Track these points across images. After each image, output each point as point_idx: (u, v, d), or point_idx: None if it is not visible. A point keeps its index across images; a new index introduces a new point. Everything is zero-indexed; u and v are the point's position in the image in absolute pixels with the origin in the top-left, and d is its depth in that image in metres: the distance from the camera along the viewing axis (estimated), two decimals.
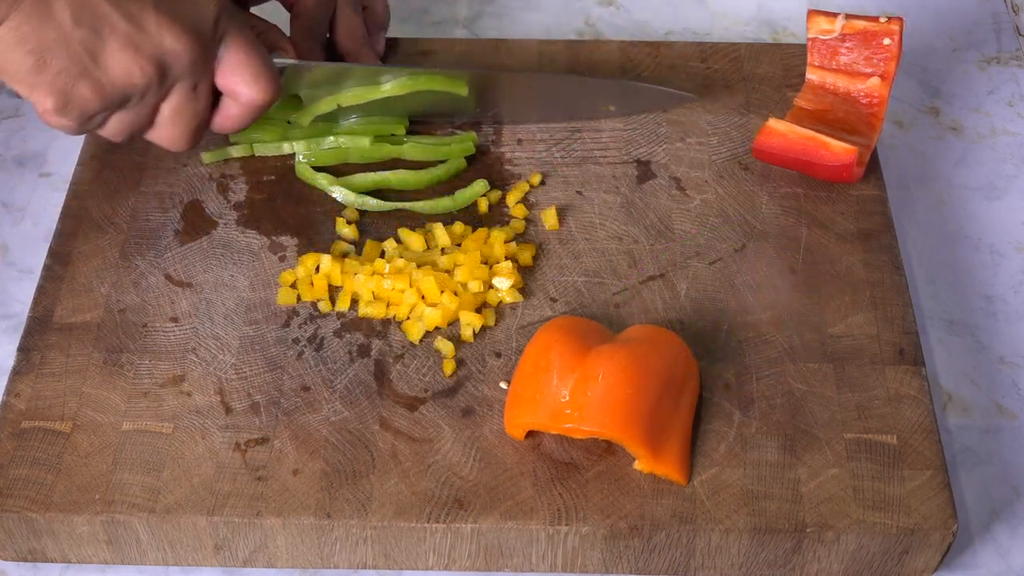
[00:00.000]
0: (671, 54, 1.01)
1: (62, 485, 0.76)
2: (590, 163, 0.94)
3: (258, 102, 0.81)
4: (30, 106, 1.03)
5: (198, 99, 0.79)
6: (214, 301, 0.85)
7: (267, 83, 0.81)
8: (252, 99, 0.81)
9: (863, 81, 0.92)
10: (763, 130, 0.90)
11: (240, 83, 0.80)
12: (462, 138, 0.94)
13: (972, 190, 0.99)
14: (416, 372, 0.81)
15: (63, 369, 0.81)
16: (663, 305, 0.85)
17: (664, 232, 0.89)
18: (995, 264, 0.94)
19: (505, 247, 0.87)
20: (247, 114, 0.82)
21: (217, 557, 0.77)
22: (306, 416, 0.79)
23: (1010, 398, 0.87)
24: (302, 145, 0.93)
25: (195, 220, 0.90)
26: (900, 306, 0.85)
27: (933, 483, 0.76)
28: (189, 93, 0.78)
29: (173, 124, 0.79)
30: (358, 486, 0.76)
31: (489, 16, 1.12)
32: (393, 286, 0.84)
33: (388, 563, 0.78)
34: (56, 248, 0.88)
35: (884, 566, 0.77)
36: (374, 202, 0.90)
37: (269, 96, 0.81)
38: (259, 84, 0.80)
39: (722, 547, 0.76)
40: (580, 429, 0.75)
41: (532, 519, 0.75)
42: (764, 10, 1.13)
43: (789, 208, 0.91)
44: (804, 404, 0.80)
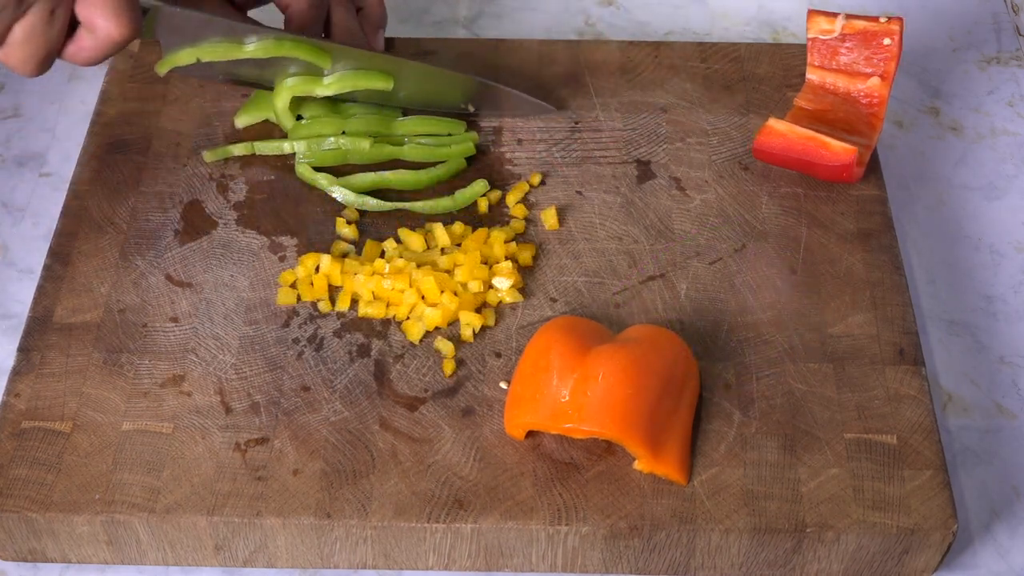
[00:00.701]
0: (671, 54, 1.01)
1: (62, 485, 0.76)
2: (590, 163, 0.94)
3: (115, 38, 0.78)
4: (30, 106, 1.03)
5: (54, 24, 0.77)
6: (214, 301, 0.85)
7: (127, 19, 0.77)
8: (109, 33, 0.78)
9: (863, 81, 0.92)
10: (763, 130, 0.90)
11: (99, 15, 0.77)
12: (462, 138, 0.94)
13: (972, 190, 0.99)
14: (416, 372, 0.81)
15: (63, 369, 0.81)
16: (663, 305, 0.85)
17: (664, 232, 0.89)
18: (995, 264, 0.94)
19: (505, 247, 0.87)
20: (101, 48, 0.79)
21: (217, 557, 0.77)
22: (306, 416, 0.79)
23: (1010, 398, 0.87)
24: (302, 145, 0.93)
25: (195, 220, 0.90)
26: (900, 306, 0.85)
27: (933, 483, 0.76)
28: (45, 16, 0.76)
29: (23, 45, 0.77)
30: (358, 486, 0.76)
31: (489, 16, 1.11)
32: (393, 286, 0.84)
33: (388, 563, 0.78)
34: (56, 248, 0.88)
35: (884, 566, 0.77)
36: (374, 202, 0.90)
37: (127, 33, 0.78)
38: (118, 19, 0.77)
39: (722, 547, 0.76)
40: (580, 429, 0.75)
41: (532, 519, 0.75)
42: (764, 10, 1.13)
43: (789, 208, 0.91)
44: (804, 404, 0.80)
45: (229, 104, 0.97)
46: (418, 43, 1.01)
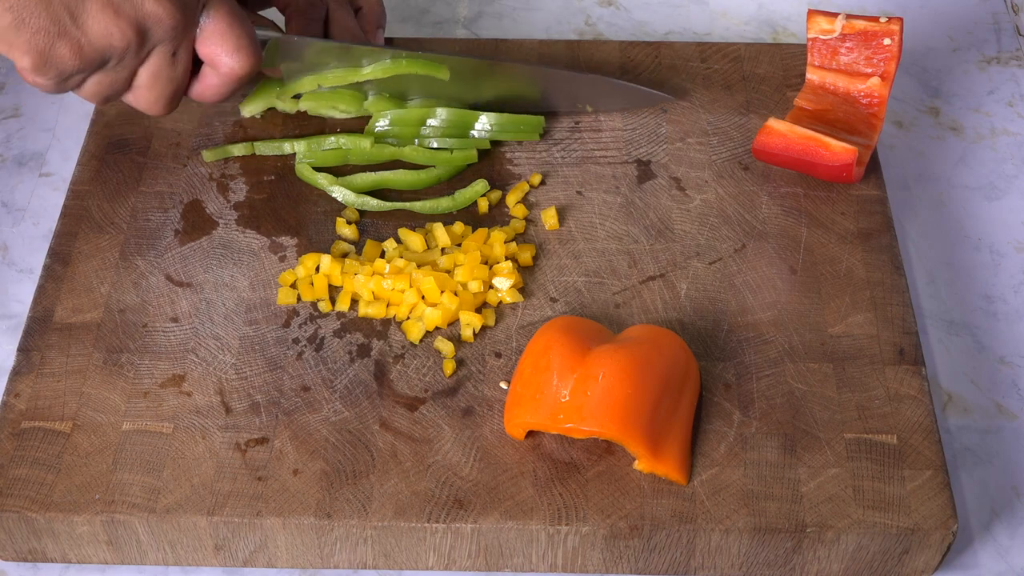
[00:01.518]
0: (671, 54, 1.01)
1: (62, 485, 0.76)
2: (590, 163, 0.94)
3: (237, 72, 0.81)
4: (30, 106, 1.03)
5: (177, 65, 0.79)
6: (214, 301, 0.85)
7: (248, 54, 0.80)
8: (232, 69, 0.80)
9: (863, 81, 0.92)
10: (763, 130, 0.90)
11: (221, 52, 0.80)
12: (464, 143, 0.94)
13: (972, 190, 0.99)
14: (416, 372, 0.81)
15: (63, 369, 0.81)
16: (663, 305, 0.85)
17: (664, 232, 0.89)
18: (995, 264, 0.94)
19: (505, 247, 0.87)
20: (226, 84, 0.82)
21: (217, 557, 0.77)
22: (306, 416, 0.79)
23: (1010, 398, 0.87)
24: (302, 145, 0.93)
25: (195, 220, 0.90)
26: (900, 306, 0.85)
27: (933, 483, 0.76)
28: (168, 59, 0.78)
29: (150, 89, 0.79)
30: (358, 486, 0.76)
31: (489, 16, 1.11)
32: (393, 286, 0.84)
33: (388, 563, 0.78)
34: (56, 248, 0.88)
35: (884, 566, 0.77)
36: (374, 202, 0.90)
37: (249, 67, 0.81)
38: (240, 54, 0.80)
39: (722, 547, 0.76)
40: (580, 429, 0.75)
41: (532, 519, 0.75)
42: (764, 10, 1.13)
43: (789, 208, 0.91)
44: (804, 404, 0.80)
45: (229, 104, 0.97)
46: (419, 43, 1.01)
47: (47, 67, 0.74)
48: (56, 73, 0.75)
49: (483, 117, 0.94)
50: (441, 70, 0.92)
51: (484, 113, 0.94)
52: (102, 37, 0.74)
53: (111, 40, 0.75)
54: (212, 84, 0.82)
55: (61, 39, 0.74)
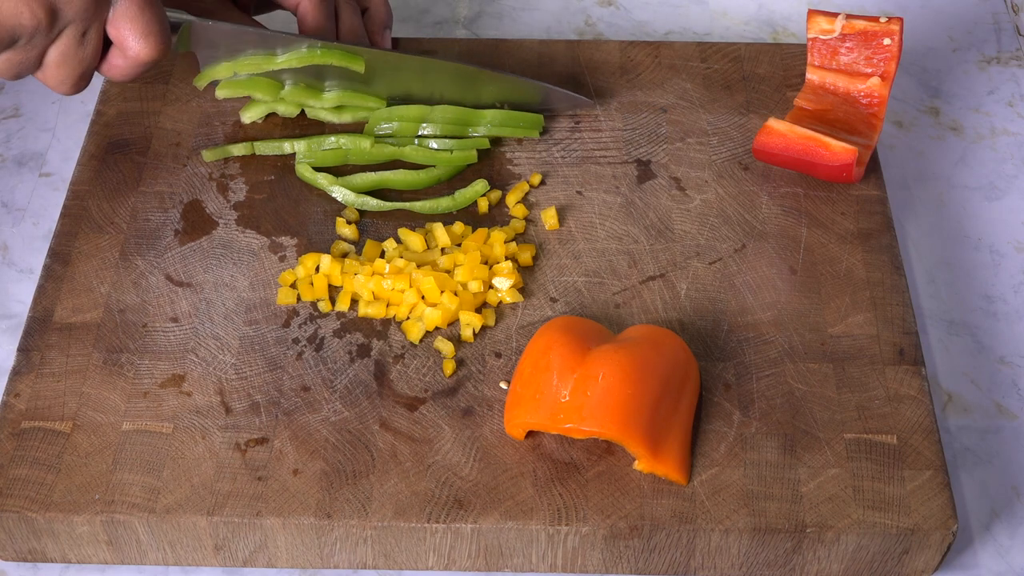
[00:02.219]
0: (671, 54, 1.01)
1: (62, 485, 0.76)
2: (590, 163, 0.94)
3: (143, 58, 0.80)
4: (30, 106, 1.03)
5: (86, 46, 0.79)
6: (214, 301, 0.85)
7: (156, 40, 0.80)
8: (138, 54, 0.80)
9: (863, 81, 0.92)
10: (763, 130, 0.90)
11: (129, 36, 0.79)
12: (464, 143, 0.94)
13: (972, 190, 0.99)
14: (416, 372, 0.81)
15: (63, 369, 0.81)
16: (663, 305, 0.85)
17: (664, 232, 0.89)
18: (995, 264, 0.94)
19: (505, 247, 0.87)
20: (132, 67, 0.81)
21: (217, 557, 0.77)
22: (306, 416, 0.79)
23: (1010, 398, 0.87)
24: (302, 145, 0.93)
25: (195, 220, 0.90)
26: (900, 306, 0.85)
27: (933, 483, 0.76)
28: (78, 39, 0.78)
29: (59, 68, 0.79)
30: (358, 486, 0.76)
31: (489, 16, 1.11)
32: (393, 286, 0.84)
33: (388, 563, 0.78)
34: (56, 248, 0.88)
35: (884, 566, 0.77)
36: (374, 202, 0.90)
37: (156, 53, 0.80)
38: (147, 39, 0.80)
39: (722, 547, 0.76)
40: (580, 429, 0.75)
41: (532, 519, 0.75)
42: (764, 10, 1.13)
43: (789, 208, 0.91)
44: (804, 404, 0.80)
45: (229, 104, 0.97)
46: (418, 43, 1.01)
47: None
48: None
49: (484, 115, 0.94)
50: (357, 62, 0.91)
51: (483, 111, 0.94)
52: (11, 16, 0.74)
53: (20, 19, 0.74)
54: (119, 65, 0.81)
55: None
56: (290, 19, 0.97)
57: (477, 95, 0.95)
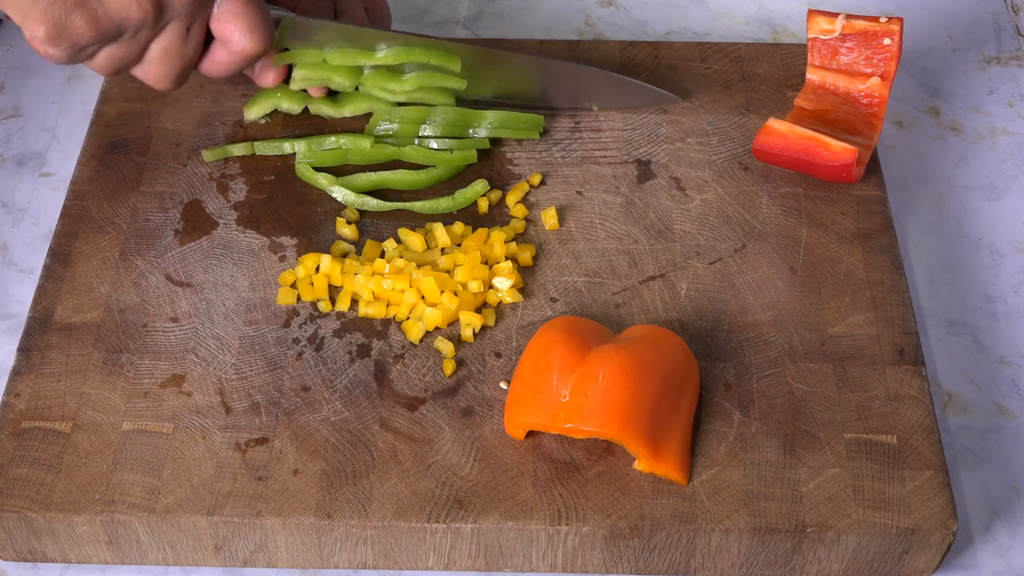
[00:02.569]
0: (671, 54, 1.01)
1: (62, 485, 0.76)
2: (590, 163, 0.94)
3: (249, 52, 0.81)
4: (30, 106, 1.03)
5: (190, 41, 0.79)
6: (214, 301, 0.85)
7: (261, 34, 0.80)
8: (243, 48, 0.80)
9: (863, 81, 0.92)
10: (763, 130, 0.90)
11: (234, 31, 0.80)
12: (464, 143, 0.94)
13: (972, 190, 0.99)
14: (416, 372, 0.81)
15: (63, 369, 0.81)
16: (663, 305, 0.85)
17: (664, 232, 0.89)
18: (995, 264, 0.94)
19: (505, 247, 0.87)
20: (236, 62, 0.82)
21: (217, 557, 0.77)
22: (306, 416, 0.79)
23: (1010, 398, 0.87)
24: (302, 145, 0.93)
25: (195, 220, 0.90)
26: (900, 306, 0.85)
27: (933, 483, 0.76)
28: (182, 33, 0.78)
29: (161, 63, 0.79)
30: (358, 486, 0.76)
31: (489, 16, 1.11)
32: (393, 286, 0.84)
33: (388, 563, 0.78)
34: (56, 248, 0.88)
35: (884, 566, 0.77)
36: (374, 202, 0.90)
37: (261, 47, 0.81)
38: (252, 34, 0.80)
39: (722, 547, 0.76)
40: (580, 429, 0.75)
41: (532, 519, 0.75)
42: (764, 10, 1.13)
43: (789, 208, 0.91)
44: (804, 404, 0.80)
45: (229, 104, 0.97)
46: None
47: (61, 38, 0.74)
48: (70, 44, 0.75)
49: (484, 116, 0.94)
50: (453, 60, 0.92)
51: (484, 111, 0.94)
52: (120, 9, 0.74)
53: (128, 12, 0.75)
54: (222, 61, 0.82)
55: (78, 9, 0.73)
56: None
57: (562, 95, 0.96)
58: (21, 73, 1.06)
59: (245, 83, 0.97)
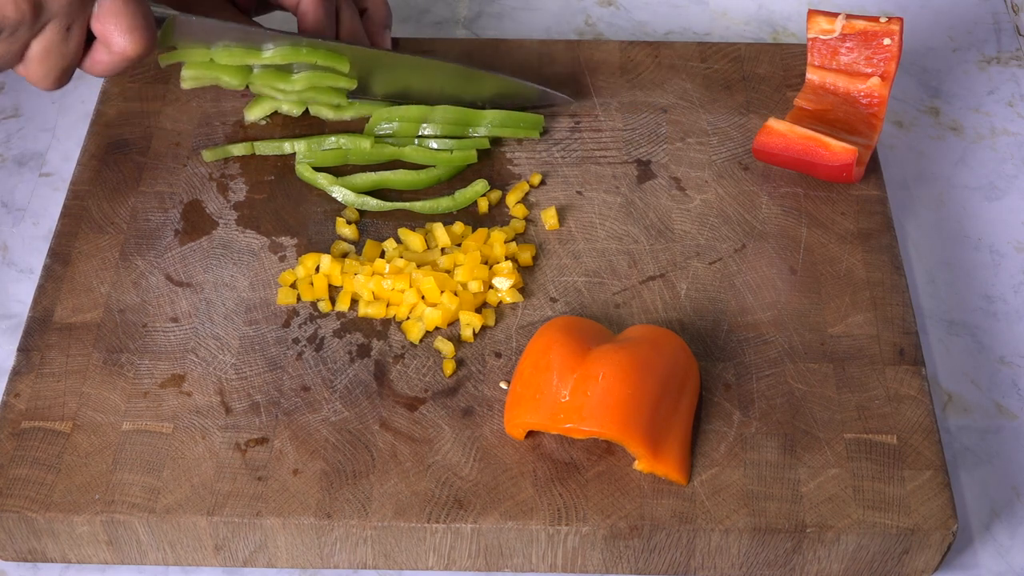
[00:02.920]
0: (671, 54, 1.01)
1: (62, 485, 0.76)
2: (590, 163, 0.94)
3: (128, 53, 0.80)
4: (30, 106, 1.03)
5: (70, 40, 0.78)
6: (214, 301, 0.85)
7: (140, 36, 0.79)
8: (123, 49, 0.79)
9: (863, 81, 0.92)
10: (763, 130, 0.90)
11: (115, 32, 0.78)
12: (464, 143, 0.94)
13: (972, 190, 0.99)
14: (416, 372, 0.81)
15: (63, 369, 0.81)
16: (663, 305, 0.85)
17: (664, 232, 0.89)
18: (995, 264, 0.94)
19: (505, 247, 0.87)
20: (117, 63, 0.80)
21: (217, 557, 0.77)
22: (306, 416, 0.79)
23: (1010, 398, 0.87)
24: (302, 145, 0.93)
25: (195, 220, 0.90)
26: (900, 306, 0.85)
27: (933, 483, 0.76)
28: (62, 33, 0.77)
29: (41, 62, 0.78)
30: (358, 486, 0.76)
31: (489, 16, 1.11)
32: (393, 286, 0.84)
33: (388, 563, 0.78)
34: (56, 248, 0.88)
35: (884, 566, 0.77)
36: (374, 202, 0.90)
37: (140, 49, 0.79)
38: (131, 35, 0.79)
39: (722, 547, 0.76)
40: (580, 429, 0.75)
41: (532, 519, 0.75)
42: (764, 10, 1.13)
43: (789, 208, 0.91)
44: (804, 404, 0.80)
45: (229, 104, 0.97)
46: (418, 43, 1.01)
47: None
48: None
49: (484, 115, 0.94)
50: (341, 61, 0.91)
51: (484, 111, 0.94)
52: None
53: (4, 11, 0.73)
54: (103, 61, 0.80)
55: None
56: (286, 19, 0.97)
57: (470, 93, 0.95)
58: None
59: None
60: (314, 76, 0.92)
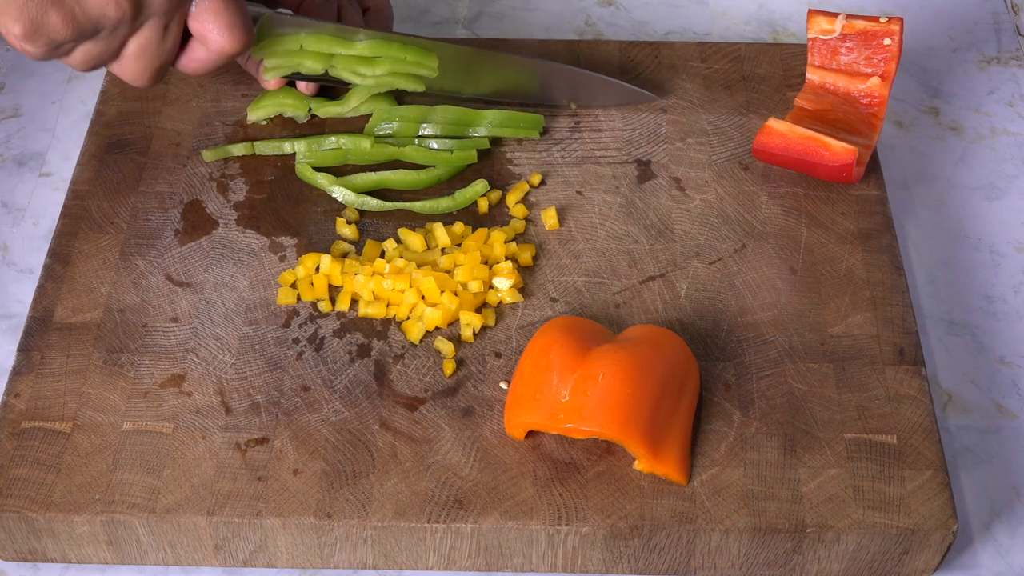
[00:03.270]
0: (671, 54, 1.01)
1: (62, 485, 0.76)
2: (590, 163, 0.94)
3: (227, 50, 0.80)
4: (30, 106, 1.03)
5: (167, 38, 0.79)
6: (214, 301, 0.85)
7: (239, 33, 0.80)
8: (221, 46, 0.80)
9: (863, 81, 0.92)
10: (763, 130, 0.90)
11: (212, 29, 0.79)
12: (464, 143, 0.94)
13: (972, 190, 0.99)
14: (416, 372, 0.81)
15: (63, 369, 0.81)
16: (663, 305, 0.85)
17: (664, 232, 0.89)
18: (995, 264, 0.94)
19: (505, 247, 0.87)
20: (214, 60, 0.81)
21: (217, 557, 0.77)
22: (306, 416, 0.79)
23: (1010, 398, 0.87)
24: (302, 145, 0.93)
25: (195, 220, 0.90)
26: (900, 306, 0.85)
27: (933, 483, 0.76)
28: (159, 31, 0.78)
29: (138, 60, 0.79)
30: (358, 486, 0.76)
31: (489, 16, 1.11)
32: (393, 286, 0.84)
33: (388, 563, 0.78)
34: (56, 248, 0.88)
35: (884, 566, 0.77)
36: (374, 202, 0.90)
37: (239, 46, 0.80)
38: (231, 33, 0.79)
39: (722, 547, 0.76)
40: (580, 429, 0.75)
41: (532, 519, 0.75)
42: (764, 10, 1.13)
43: (789, 208, 0.91)
44: (804, 404, 0.80)
45: (229, 104, 0.97)
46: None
47: (38, 35, 0.74)
48: (47, 41, 0.74)
49: (484, 115, 0.94)
50: (430, 58, 0.92)
51: (484, 111, 0.94)
52: (97, 7, 0.74)
53: (106, 10, 0.74)
54: (199, 59, 0.81)
55: (55, 7, 0.73)
56: None
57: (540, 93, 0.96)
58: (21, 73, 1.06)
59: (246, 83, 0.98)
60: (396, 62, 0.92)
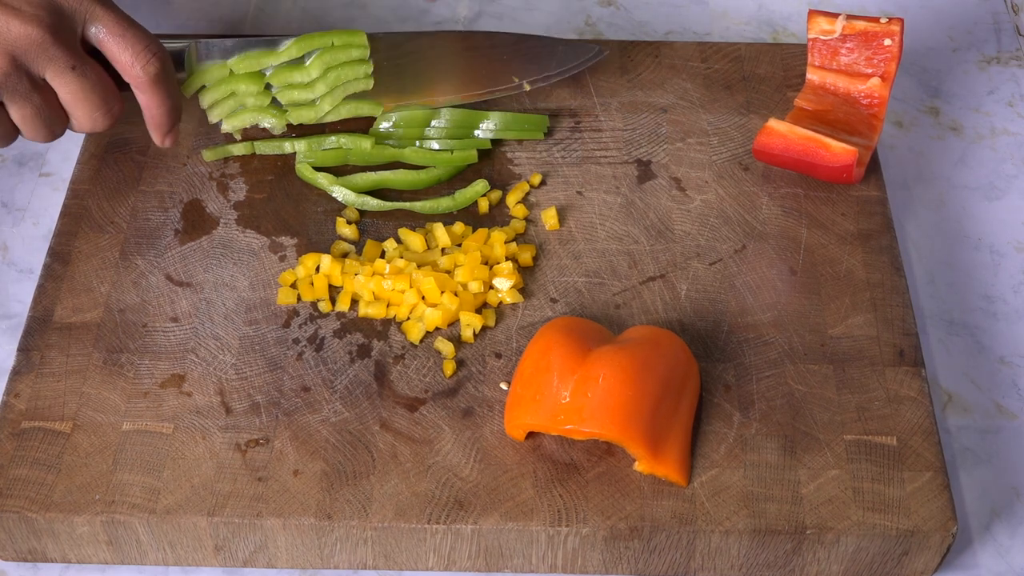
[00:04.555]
0: (671, 54, 1.01)
1: (62, 485, 0.76)
2: (590, 163, 0.94)
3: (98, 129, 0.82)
4: None
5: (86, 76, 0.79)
6: (214, 301, 0.85)
7: (103, 115, 0.82)
8: (90, 128, 0.82)
9: (863, 81, 0.92)
10: (763, 130, 0.90)
11: (76, 115, 0.81)
12: (465, 143, 0.94)
13: (972, 190, 0.99)
14: (416, 373, 0.81)
15: (63, 369, 0.81)
16: (663, 306, 0.85)
17: (664, 232, 0.89)
18: (995, 264, 0.94)
19: (505, 247, 0.87)
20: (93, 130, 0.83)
21: (217, 557, 0.77)
22: (306, 417, 0.79)
23: (1010, 398, 0.87)
24: (302, 145, 0.93)
25: (195, 220, 0.90)
26: (900, 307, 0.85)
27: (933, 485, 0.76)
28: (26, 109, 0.79)
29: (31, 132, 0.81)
30: (358, 487, 0.76)
31: (489, 16, 1.11)
32: (393, 286, 0.84)
33: (388, 564, 0.78)
34: (56, 248, 0.88)
35: (884, 567, 0.77)
36: (374, 202, 0.90)
37: (105, 127, 0.82)
38: (96, 114, 0.81)
39: (722, 548, 0.76)
40: (580, 430, 0.75)
41: (532, 520, 0.75)
42: (764, 10, 1.13)
43: (789, 209, 0.91)
44: (804, 405, 0.80)
45: None
46: None
47: None
48: None
49: (488, 117, 0.94)
50: (357, 35, 0.91)
51: (488, 112, 0.94)
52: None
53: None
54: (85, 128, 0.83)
55: None
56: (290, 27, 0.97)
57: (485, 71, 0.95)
58: None
59: None
60: (327, 55, 0.91)
